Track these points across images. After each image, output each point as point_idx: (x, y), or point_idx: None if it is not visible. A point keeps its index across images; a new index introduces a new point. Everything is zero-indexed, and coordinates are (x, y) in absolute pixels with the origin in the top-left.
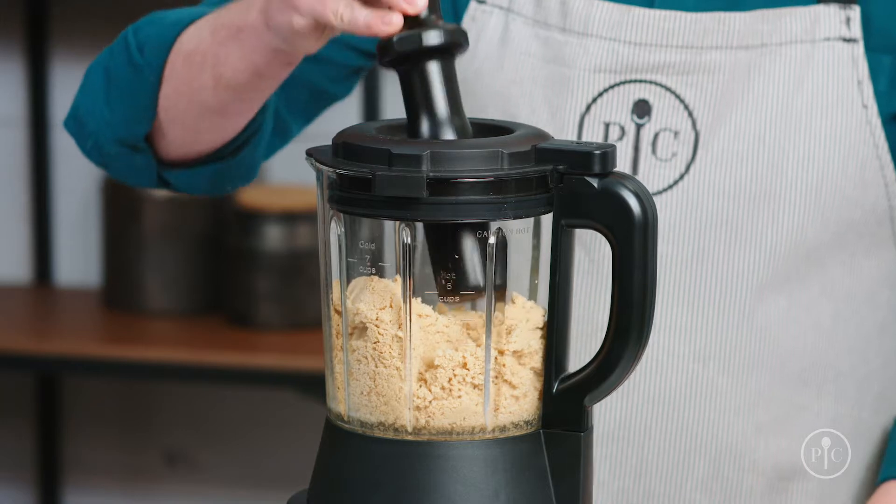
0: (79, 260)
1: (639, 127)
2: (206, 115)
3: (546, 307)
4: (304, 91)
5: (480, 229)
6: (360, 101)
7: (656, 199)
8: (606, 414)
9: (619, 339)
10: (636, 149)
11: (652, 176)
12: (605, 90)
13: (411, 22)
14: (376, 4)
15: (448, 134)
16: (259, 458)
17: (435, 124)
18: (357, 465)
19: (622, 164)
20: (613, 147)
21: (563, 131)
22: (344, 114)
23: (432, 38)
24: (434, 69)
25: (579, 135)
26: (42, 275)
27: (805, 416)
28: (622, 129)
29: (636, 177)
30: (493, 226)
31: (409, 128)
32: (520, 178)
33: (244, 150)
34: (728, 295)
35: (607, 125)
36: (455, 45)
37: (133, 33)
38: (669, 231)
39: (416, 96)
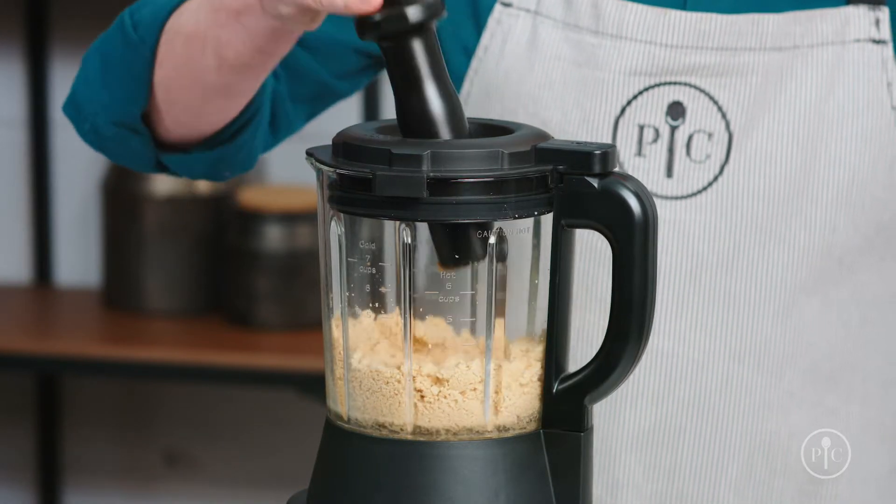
0: (79, 260)
1: (673, 129)
2: (209, 95)
3: (546, 307)
4: (310, 85)
5: (481, 229)
6: (360, 101)
7: (692, 201)
8: (641, 416)
9: (618, 339)
10: (671, 151)
11: (687, 178)
12: (640, 93)
13: None
14: None
15: (439, 112)
16: (259, 458)
17: (424, 100)
18: (357, 465)
19: (657, 166)
20: (613, 147)
21: (596, 134)
22: (344, 114)
23: (415, 14)
24: (418, 46)
25: (613, 137)
26: (42, 275)
27: (834, 421)
28: (656, 132)
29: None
30: (494, 226)
31: (398, 108)
32: (520, 178)
33: (244, 134)
34: (763, 295)
35: (641, 127)
36: (438, 15)
37: (129, 15)
38: (705, 232)
39: (404, 72)
